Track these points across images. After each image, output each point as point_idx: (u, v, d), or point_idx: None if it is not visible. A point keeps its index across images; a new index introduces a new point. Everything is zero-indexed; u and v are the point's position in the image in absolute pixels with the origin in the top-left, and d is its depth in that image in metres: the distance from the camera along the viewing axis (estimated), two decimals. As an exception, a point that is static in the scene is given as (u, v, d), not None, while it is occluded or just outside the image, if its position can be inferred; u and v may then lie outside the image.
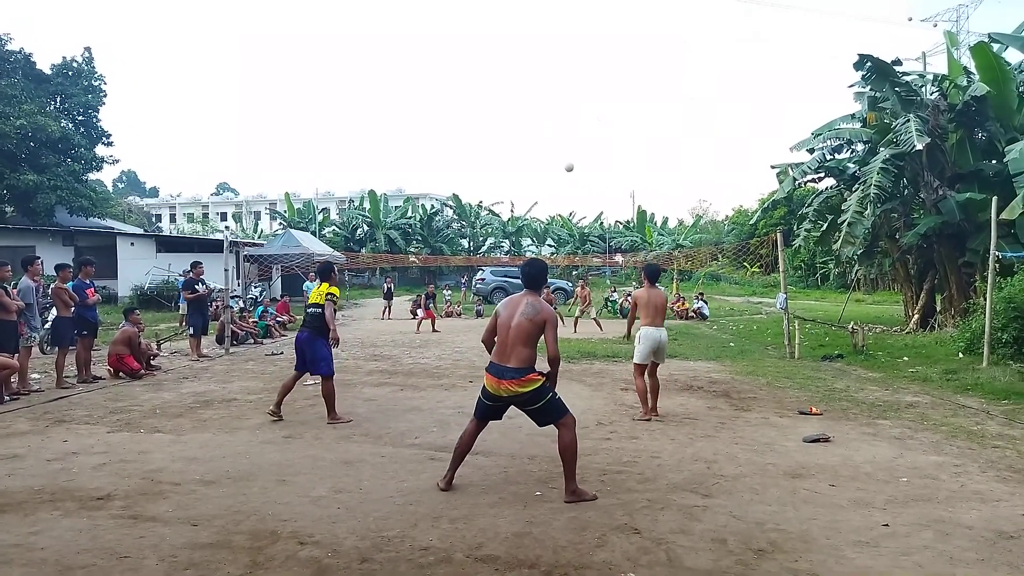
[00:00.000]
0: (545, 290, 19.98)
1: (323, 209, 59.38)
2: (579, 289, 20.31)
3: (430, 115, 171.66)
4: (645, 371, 7.85)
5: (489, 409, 5.13)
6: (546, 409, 4.97)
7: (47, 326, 11.72)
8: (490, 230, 54.69)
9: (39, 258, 9.94)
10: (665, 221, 61.71)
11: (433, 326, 19.26)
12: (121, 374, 10.53)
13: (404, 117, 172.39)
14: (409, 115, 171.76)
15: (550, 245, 56.51)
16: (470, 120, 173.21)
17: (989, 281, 11.18)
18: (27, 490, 5.10)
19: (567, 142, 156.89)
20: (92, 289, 10.50)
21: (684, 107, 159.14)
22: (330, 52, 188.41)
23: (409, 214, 53.56)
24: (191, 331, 13.08)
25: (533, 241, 56.34)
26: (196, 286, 13.19)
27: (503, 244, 55.09)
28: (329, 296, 7.63)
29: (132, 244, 28.60)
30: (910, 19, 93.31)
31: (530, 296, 5.08)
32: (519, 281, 5.34)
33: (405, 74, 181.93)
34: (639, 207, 58.71)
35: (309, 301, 7.91)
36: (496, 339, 5.05)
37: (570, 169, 5.56)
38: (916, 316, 17.24)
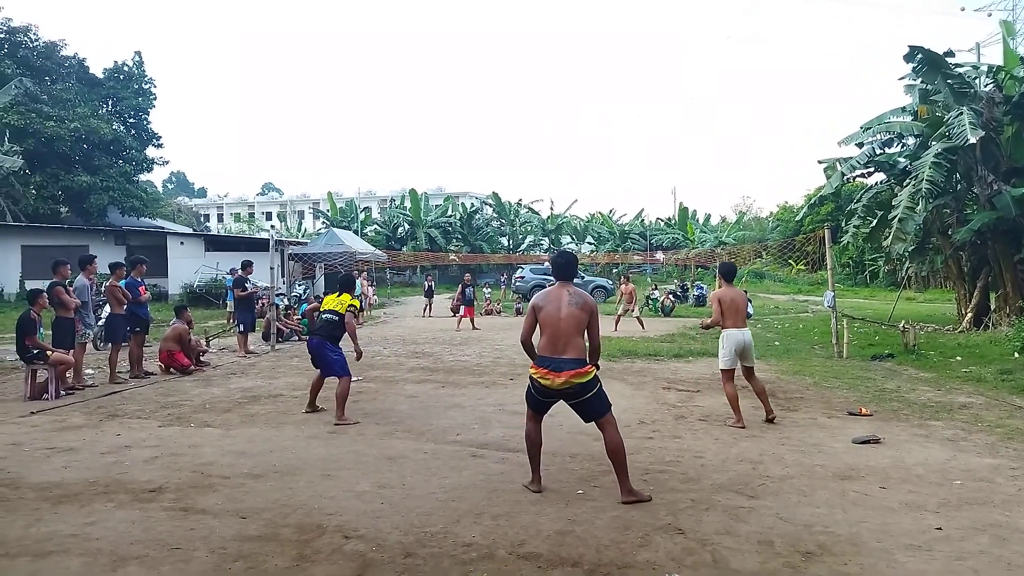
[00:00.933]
0: (622, 286, 19.64)
1: (365, 208, 60.07)
2: (623, 286, 19.77)
3: (470, 114, 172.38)
4: (734, 376, 7.39)
5: (543, 404, 5.06)
6: (596, 398, 4.88)
7: (101, 323, 12.07)
8: (529, 228, 54.60)
9: (95, 257, 10.28)
10: (707, 218, 60.92)
11: (473, 324, 19.31)
12: (172, 370, 10.80)
13: (444, 116, 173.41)
14: (449, 114, 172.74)
15: (590, 243, 56.20)
16: (510, 118, 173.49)
17: (1048, 278, 10.78)
18: (82, 482, 5.26)
19: (607, 139, 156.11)
20: (144, 287, 10.79)
21: (725, 102, 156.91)
22: (373, 53, 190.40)
23: (449, 213, 53.79)
24: (240, 328, 13.36)
25: (573, 239, 56.05)
26: (246, 284, 13.50)
27: (543, 242, 54.91)
28: (351, 308, 7.69)
29: (182, 243, 29.31)
30: (963, 9, 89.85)
31: (568, 287, 5.01)
32: (552, 279, 5.28)
33: (446, 74, 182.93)
34: (681, 204, 58.06)
35: (324, 307, 7.96)
36: (544, 334, 4.92)
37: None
38: (969, 315, 16.71)
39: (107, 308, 10.87)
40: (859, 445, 6.38)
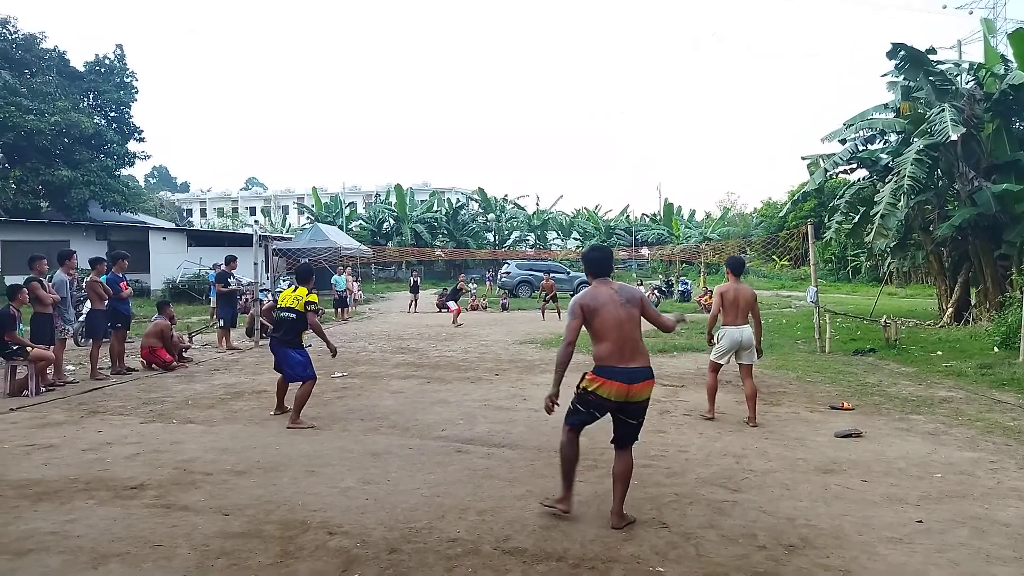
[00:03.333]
0: (546, 276, 22.82)
1: (350, 203, 59.64)
2: (544, 282, 22.11)
3: (456, 109, 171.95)
4: (719, 370, 7.42)
5: (593, 419, 4.46)
6: (642, 418, 4.46)
7: (81, 319, 11.94)
8: (515, 223, 54.50)
9: (74, 252, 10.16)
10: (692, 214, 61.04)
11: (455, 320, 19.27)
12: (154, 366, 10.71)
13: (430, 111, 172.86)
14: (435, 109, 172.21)
15: (576, 238, 56.19)
16: (496, 114, 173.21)
17: (1027, 274, 10.91)
18: (63, 479, 5.20)
19: (592, 135, 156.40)
20: (125, 283, 10.67)
21: (712, 99, 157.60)
22: (358, 48, 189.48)
23: (435, 208, 53.60)
24: (221, 323, 13.25)
25: (559, 234, 56.10)
26: (229, 279, 13.40)
27: (528, 237, 54.96)
28: (310, 305, 7.16)
29: (164, 238, 29.07)
30: (944, 7, 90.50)
31: (611, 283, 4.54)
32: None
33: (432, 69, 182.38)
34: (666, 200, 58.19)
35: (280, 304, 7.43)
36: (606, 339, 4.33)
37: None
38: (950, 310, 16.89)
39: (88, 304, 10.75)
40: (841, 439, 6.43)
